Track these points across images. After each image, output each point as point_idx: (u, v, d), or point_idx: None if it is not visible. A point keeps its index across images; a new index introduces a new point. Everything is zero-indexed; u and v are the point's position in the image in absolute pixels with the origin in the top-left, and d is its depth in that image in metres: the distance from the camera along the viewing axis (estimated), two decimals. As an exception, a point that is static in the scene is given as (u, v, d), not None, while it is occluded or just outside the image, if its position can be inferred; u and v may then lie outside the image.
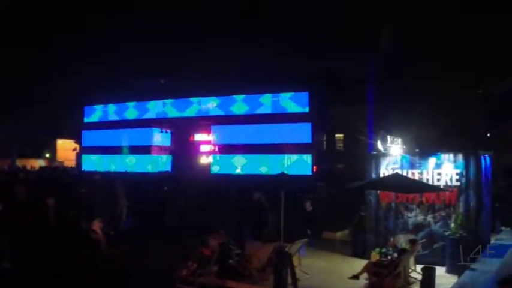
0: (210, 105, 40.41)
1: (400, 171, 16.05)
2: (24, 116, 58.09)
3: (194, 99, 41.20)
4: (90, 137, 47.77)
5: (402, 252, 13.67)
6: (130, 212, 23.11)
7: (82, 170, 46.12)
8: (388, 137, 18.43)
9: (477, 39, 35.05)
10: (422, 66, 34.52)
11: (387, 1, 35.92)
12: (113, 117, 46.24)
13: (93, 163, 46.78)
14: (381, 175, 16.85)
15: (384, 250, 14.63)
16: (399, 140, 18.58)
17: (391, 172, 16.35)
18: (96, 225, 17.29)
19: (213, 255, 13.80)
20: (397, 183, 14.62)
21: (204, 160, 41.78)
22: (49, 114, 56.34)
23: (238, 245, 15.17)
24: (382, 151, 17.58)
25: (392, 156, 17.01)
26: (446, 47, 35.51)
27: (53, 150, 66.09)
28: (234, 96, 39.12)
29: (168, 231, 21.00)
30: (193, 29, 47.17)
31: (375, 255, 14.78)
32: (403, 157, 16.74)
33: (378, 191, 16.79)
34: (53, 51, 54.56)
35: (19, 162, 56.01)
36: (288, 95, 36.75)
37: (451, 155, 15.84)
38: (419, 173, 16.28)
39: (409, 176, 16.19)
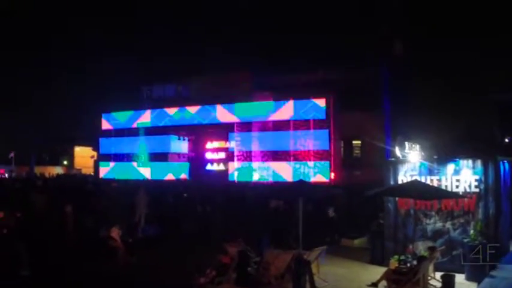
0: (227, 111, 40.41)
1: (418, 178, 15.99)
2: (42, 124, 58.69)
3: (211, 106, 41.24)
4: (107, 144, 47.93)
5: (421, 259, 13.62)
6: (149, 219, 23.22)
7: (100, 177, 46.31)
8: (406, 144, 18.33)
9: (493, 43, 34.96)
10: (438, 72, 34.45)
11: (404, 7, 35.92)
12: (130, 124, 46.37)
13: (111, 170, 46.97)
14: (399, 182, 16.80)
15: (402, 257, 14.60)
16: (417, 146, 18.46)
17: (409, 179, 16.29)
18: (115, 233, 17.39)
19: (232, 263, 13.85)
20: (416, 189, 14.56)
21: (222, 167, 41.82)
22: (67, 122, 56.88)
23: (256, 253, 15.20)
24: (400, 157, 17.52)
25: (411, 162, 16.95)
26: (462, 53, 35.43)
27: (71, 157, 66.52)
28: (251, 103, 39.11)
29: (186, 239, 21.08)
30: (211, 36, 47.48)
31: (393, 263, 14.75)
32: (421, 163, 16.68)
33: (397, 198, 16.75)
34: (71, 59, 55.11)
35: (37, 170, 56.45)
36: (305, 102, 36.69)
37: (470, 161, 15.77)
38: (437, 179, 16.21)
39: (428, 182, 16.13)
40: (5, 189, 27.43)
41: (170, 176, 42.53)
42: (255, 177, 38.09)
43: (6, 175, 49.69)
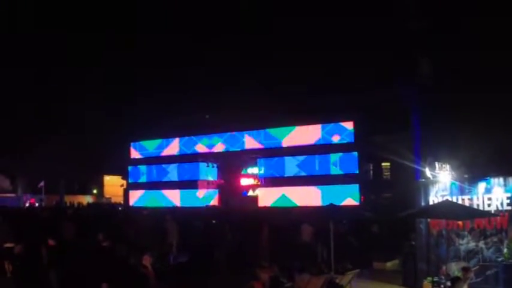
0: (254, 138, 40.53)
1: (449, 198, 15.84)
2: (72, 153, 59.38)
3: (239, 133, 41.41)
4: (137, 173, 48.36)
5: (455, 280, 13.41)
6: (180, 247, 23.23)
7: (130, 205, 46.64)
8: (436, 164, 18.17)
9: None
10: (466, 91, 34.20)
11: (430, 29, 35.82)
12: (159, 152, 46.76)
13: (140, 198, 47.27)
14: (431, 202, 16.65)
15: (436, 279, 14.41)
16: (447, 166, 18.28)
17: (440, 199, 16.14)
18: (146, 260, 17.40)
19: (264, 289, 13.77)
20: (447, 210, 14.40)
21: (251, 193, 41.84)
22: (96, 151, 57.44)
23: (288, 278, 15.11)
24: (431, 178, 17.38)
25: (441, 182, 16.80)
26: (492, 69, 35.17)
27: (100, 186, 67.04)
28: (279, 128, 39.22)
29: (217, 266, 21.04)
30: (238, 64, 47.78)
31: (427, 285, 14.57)
32: (452, 183, 16.52)
33: (428, 219, 16.58)
34: (100, 89, 55.82)
35: (67, 199, 56.94)
36: (333, 126, 36.69)
37: (501, 179, 15.58)
38: (469, 198, 16.02)
39: (459, 202, 15.96)
40: (33, 218, 27.67)
41: (200, 203, 42.64)
42: (284, 202, 38.01)
43: (37, 204, 50.16)
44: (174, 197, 44.71)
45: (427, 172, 17.64)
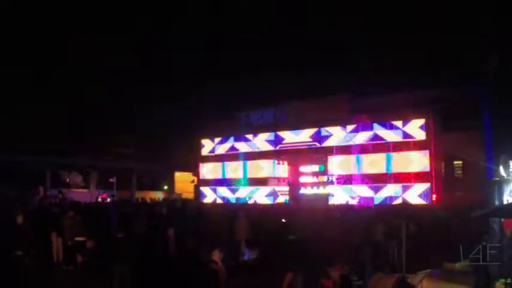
0: (325, 135, 40.51)
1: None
2: (144, 149, 60.78)
3: (308, 130, 41.47)
4: (208, 169, 49.00)
5: (528, 282, 13.26)
6: (250, 243, 23.50)
7: (201, 201, 47.30)
8: (511, 162, 17.91)
9: None
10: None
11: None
12: (229, 149, 47.25)
13: (211, 194, 47.92)
14: (505, 202, 16.43)
15: (509, 281, 14.23)
16: (522, 165, 18.02)
17: (515, 199, 15.94)
18: (216, 256, 17.71)
19: (335, 287, 13.89)
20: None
21: (322, 191, 41.83)
22: (167, 147, 58.62)
23: (359, 277, 15.19)
24: (505, 177, 17.16)
25: (516, 181, 16.57)
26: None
27: (171, 182, 68.12)
28: (348, 126, 39.10)
29: (286, 263, 21.21)
30: (308, 59, 47.95)
31: (499, 286, 14.40)
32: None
33: (502, 219, 16.34)
34: (170, 86, 56.97)
35: (138, 194, 58.14)
36: (404, 123, 36.32)
37: None
38: (544, 198, 15.76)
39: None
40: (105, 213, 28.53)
41: (269, 200, 42.91)
42: (355, 200, 37.89)
43: (109, 199, 51.50)
44: (244, 194, 45.09)
45: (501, 171, 17.42)
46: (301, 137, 41.91)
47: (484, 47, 35.25)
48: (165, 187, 69.46)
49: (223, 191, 46.88)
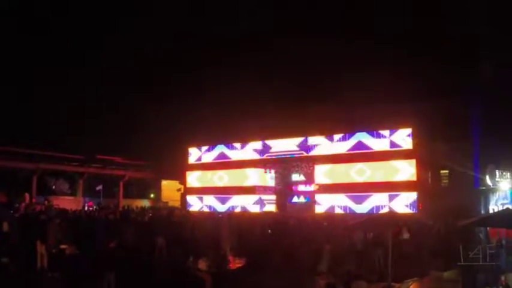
0: (312, 145, 40.54)
1: (510, 207, 15.61)
2: (132, 157, 60.63)
3: (295, 139, 41.49)
4: (194, 178, 48.86)
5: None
6: (236, 251, 23.40)
7: (187, 209, 47.12)
8: (497, 172, 17.95)
9: None
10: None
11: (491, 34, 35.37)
12: (216, 157, 47.15)
13: (197, 203, 47.78)
14: (491, 211, 16.45)
15: (494, 289, 14.24)
16: (508, 174, 18.02)
17: (500, 208, 15.94)
18: (202, 264, 17.63)
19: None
20: (508, 218, 14.20)
21: (307, 199, 41.83)
22: (154, 156, 58.44)
23: (344, 286, 15.12)
24: (491, 186, 17.18)
25: (502, 191, 16.59)
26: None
27: (158, 190, 67.89)
28: (335, 135, 39.15)
29: (273, 271, 21.12)
30: (303, 71, 48.07)
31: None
32: (512, 191, 16.31)
33: (488, 228, 16.37)
34: (158, 93, 56.90)
35: (124, 202, 57.86)
36: (391, 132, 36.41)
37: None
38: (530, 207, 15.77)
39: (520, 211, 15.71)
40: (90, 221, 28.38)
41: (256, 209, 42.82)
42: (340, 209, 37.89)
43: (95, 207, 51.20)
44: (231, 202, 44.99)
45: (487, 180, 17.45)
46: (288, 145, 41.86)
47: (475, 56, 35.42)
48: (152, 195, 69.15)
49: (210, 199, 46.71)
